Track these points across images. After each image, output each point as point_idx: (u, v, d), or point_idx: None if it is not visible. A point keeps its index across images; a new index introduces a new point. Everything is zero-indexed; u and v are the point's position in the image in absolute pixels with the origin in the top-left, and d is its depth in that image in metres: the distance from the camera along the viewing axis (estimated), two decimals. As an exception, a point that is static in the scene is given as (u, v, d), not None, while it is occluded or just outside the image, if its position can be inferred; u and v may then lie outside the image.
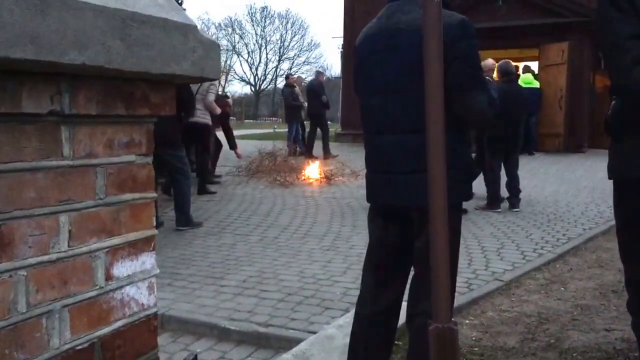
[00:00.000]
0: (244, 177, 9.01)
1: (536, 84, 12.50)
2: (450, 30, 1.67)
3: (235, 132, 10.11)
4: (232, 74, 52.95)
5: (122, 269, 1.03)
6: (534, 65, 13.42)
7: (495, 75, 6.80)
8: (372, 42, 2.03)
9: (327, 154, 11.59)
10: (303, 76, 27.05)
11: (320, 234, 5.56)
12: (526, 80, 11.95)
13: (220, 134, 9.08)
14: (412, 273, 2.14)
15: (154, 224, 1.10)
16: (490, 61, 6.65)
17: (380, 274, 2.12)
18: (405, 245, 2.05)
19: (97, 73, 0.89)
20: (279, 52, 52.70)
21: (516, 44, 13.63)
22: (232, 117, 14.94)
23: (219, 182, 8.59)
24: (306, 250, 4.95)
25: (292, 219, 6.28)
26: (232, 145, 9.16)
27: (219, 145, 9.06)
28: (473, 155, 6.85)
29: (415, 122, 1.85)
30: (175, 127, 5.89)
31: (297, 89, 12.82)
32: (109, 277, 1.00)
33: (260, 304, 3.61)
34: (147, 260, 1.09)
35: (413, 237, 2.02)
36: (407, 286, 2.16)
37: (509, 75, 6.74)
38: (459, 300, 3.55)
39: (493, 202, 6.51)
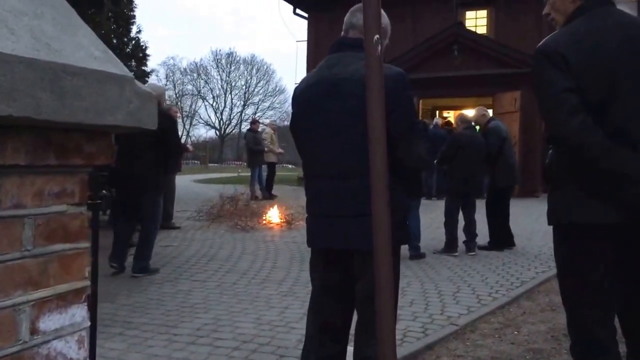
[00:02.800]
0: (205, 222, 8.91)
1: None
2: (387, 82, 1.75)
3: (199, 176, 10.05)
4: (197, 118, 53.05)
5: (49, 322, 1.00)
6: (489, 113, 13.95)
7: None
8: (314, 91, 2.10)
9: None
10: (267, 121, 27.23)
11: (279, 279, 5.50)
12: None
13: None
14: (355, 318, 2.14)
15: (87, 274, 1.08)
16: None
17: (323, 320, 2.12)
18: (348, 290, 2.07)
19: (26, 124, 0.89)
20: (244, 97, 53.16)
21: (471, 92, 14.20)
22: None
23: (178, 228, 8.47)
24: (264, 296, 4.88)
25: (251, 264, 6.21)
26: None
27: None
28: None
29: (357, 167, 1.90)
30: (159, 172, 5.85)
31: (269, 132, 12.96)
32: (34, 331, 0.97)
33: (213, 352, 3.52)
34: (78, 313, 1.06)
35: (355, 281, 2.04)
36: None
37: (467, 122, 6.99)
38: (414, 346, 3.55)
39: (450, 246, 6.61)
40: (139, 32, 15.64)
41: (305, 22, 18.90)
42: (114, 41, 13.73)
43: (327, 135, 2.03)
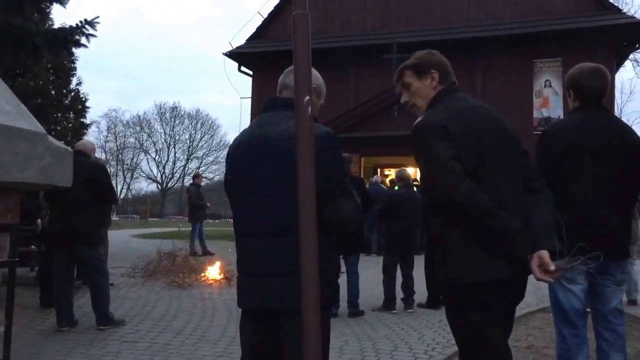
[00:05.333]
0: (140, 279, 8.59)
1: None
2: (316, 141, 1.78)
3: (139, 231, 9.76)
4: (139, 171, 52.00)
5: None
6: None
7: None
8: (245, 149, 2.12)
9: None
10: (211, 175, 27.07)
11: (215, 339, 5.32)
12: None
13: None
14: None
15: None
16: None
17: None
18: (277, 352, 2.02)
19: None
20: (188, 151, 52.71)
21: (411, 151, 14.67)
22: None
23: (111, 284, 8.11)
24: (198, 357, 4.69)
25: (186, 322, 5.99)
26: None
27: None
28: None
29: (286, 225, 1.91)
30: (95, 223, 5.76)
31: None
32: None
33: (139, 420, 3.32)
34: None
35: (282, 344, 2.00)
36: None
37: (403, 180, 7.16)
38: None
39: (389, 303, 6.62)
40: (79, 83, 15.43)
41: (250, 78, 19.27)
42: (52, 92, 13.45)
43: (257, 193, 2.04)
